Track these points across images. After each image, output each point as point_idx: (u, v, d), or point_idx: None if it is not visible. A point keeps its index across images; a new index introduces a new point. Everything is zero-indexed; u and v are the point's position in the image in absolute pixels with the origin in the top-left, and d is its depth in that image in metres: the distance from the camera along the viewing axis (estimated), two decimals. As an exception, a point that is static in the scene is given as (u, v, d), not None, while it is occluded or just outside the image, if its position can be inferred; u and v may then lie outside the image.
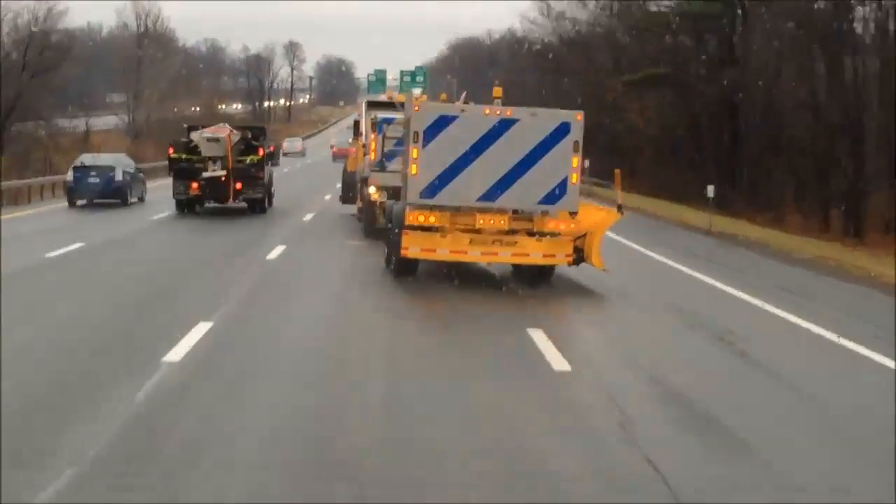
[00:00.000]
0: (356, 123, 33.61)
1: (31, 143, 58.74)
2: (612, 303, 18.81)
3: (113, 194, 38.43)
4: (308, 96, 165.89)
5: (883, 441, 9.44)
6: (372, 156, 27.60)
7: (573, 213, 19.13)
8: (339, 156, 73.35)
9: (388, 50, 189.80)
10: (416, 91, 60.39)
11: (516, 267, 20.11)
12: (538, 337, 14.08)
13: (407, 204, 18.92)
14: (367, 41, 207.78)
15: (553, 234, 18.99)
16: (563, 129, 19.09)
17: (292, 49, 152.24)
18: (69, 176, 39.10)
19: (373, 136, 27.85)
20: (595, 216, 20.78)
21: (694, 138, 61.65)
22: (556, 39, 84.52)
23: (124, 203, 38.62)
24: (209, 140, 33.81)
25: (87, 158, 40.61)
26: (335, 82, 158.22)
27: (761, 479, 8.49)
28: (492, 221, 18.91)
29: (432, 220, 18.78)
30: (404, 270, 19.65)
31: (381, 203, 25.89)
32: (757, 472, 8.65)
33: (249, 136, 35.45)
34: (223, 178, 33.42)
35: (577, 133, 18.94)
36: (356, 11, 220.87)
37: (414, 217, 18.79)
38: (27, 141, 58.10)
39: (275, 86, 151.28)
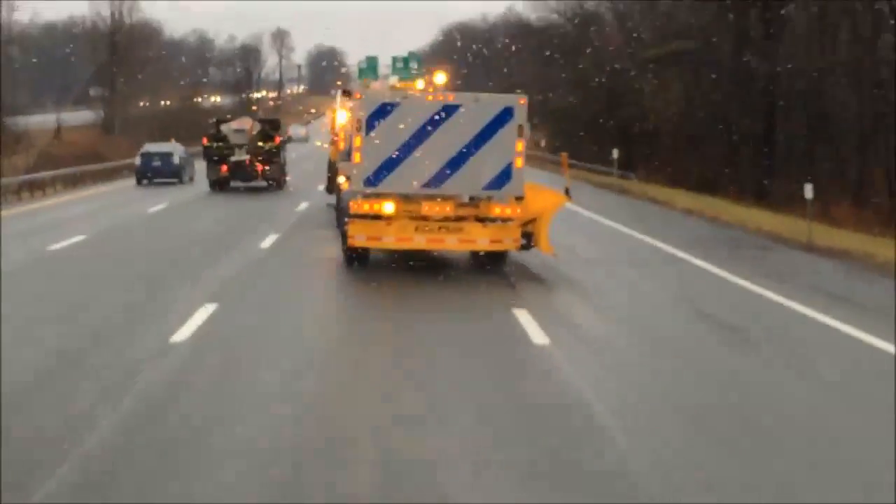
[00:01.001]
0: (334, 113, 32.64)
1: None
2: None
3: (171, 175, 47.11)
4: (298, 87, 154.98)
5: None
6: (341, 145, 26.62)
7: (519, 198, 18.59)
8: (339, 143, 69.32)
9: (380, 39, 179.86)
10: (393, 79, 56.25)
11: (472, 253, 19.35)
12: None
13: (352, 193, 18.67)
14: (358, 31, 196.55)
15: (504, 220, 18.45)
16: (506, 114, 18.59)
17: (280, 36, 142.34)
18: (137, 160, 48.21)
19: (342, 125, 26.77)
20: (545, 200, 19.95)
21: (723, 123, 51.30)
22: (561, 16, 74.10)
23: (180, 181, 46.86)
24: (236, 131, 41.01)
25: (151, 147, 49.40)
26: (325, 72, 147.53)
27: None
28: (437, 208, 18.39)
29: (377, 208, 18.33)
30: (355, 259, 19.19)
31: None
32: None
33: (268, 127, 42.59)
34: (247, 162, 40.48)
35: (520, 118, 18.54)
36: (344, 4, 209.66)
37: (358, 206, 18.42)
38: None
39: (263, 76, 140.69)
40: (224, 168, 40.58)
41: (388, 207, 18.35)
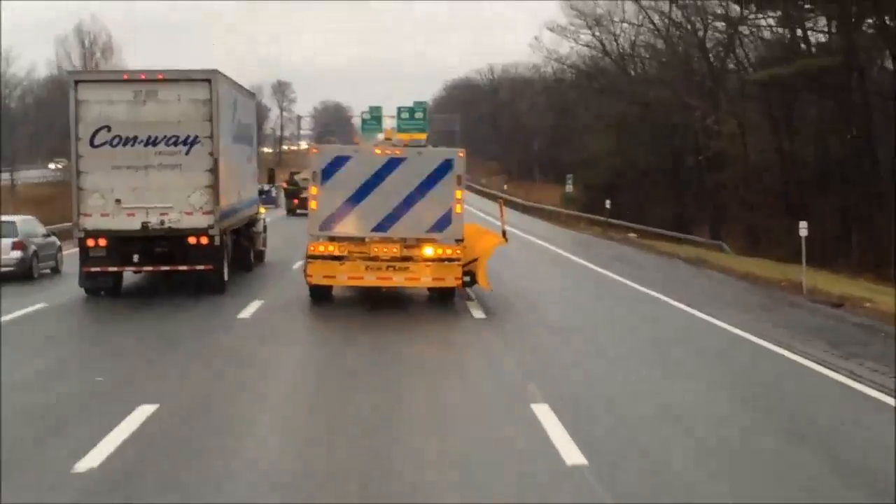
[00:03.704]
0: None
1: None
2: None
3: (270, 202, 66.13)
4: (301, 143, 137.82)
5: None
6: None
7: (459, 241, 22.20)
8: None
9: (382, 94, 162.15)
10: (380, 135, 50.01)
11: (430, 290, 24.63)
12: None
13: (309, 236, 23.35)
14: (361, 87, 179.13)
15: (447, 260, 21.44)
16: (446, 166, 21.26)
17: (281, 88, 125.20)
18: None
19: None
20: (485, 242, 22.92)
21: (848, 169, 32.96)
22: (597, 52, 55.30)
23: (276, 206, 69.54)
24: (303, 179, 61.17)
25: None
26: (331, 126, 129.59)
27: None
28: (385, 249, 21.55)
29: (331, 249, 21.85)
30: (318, 295, 22.82)
31: None
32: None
33: None
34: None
35: (459, 168, 21.69)
36: (346, 63, 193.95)
37: (314, 248, 22.02)
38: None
39: (265, 129, 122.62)
40: (295, 202, 64.03)
41: (341, 249, 21.85)
